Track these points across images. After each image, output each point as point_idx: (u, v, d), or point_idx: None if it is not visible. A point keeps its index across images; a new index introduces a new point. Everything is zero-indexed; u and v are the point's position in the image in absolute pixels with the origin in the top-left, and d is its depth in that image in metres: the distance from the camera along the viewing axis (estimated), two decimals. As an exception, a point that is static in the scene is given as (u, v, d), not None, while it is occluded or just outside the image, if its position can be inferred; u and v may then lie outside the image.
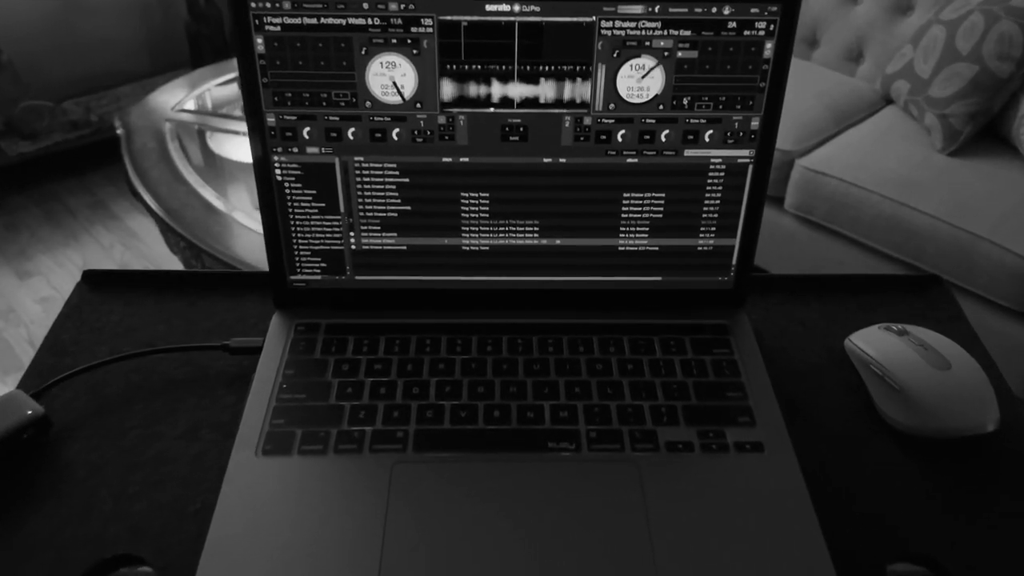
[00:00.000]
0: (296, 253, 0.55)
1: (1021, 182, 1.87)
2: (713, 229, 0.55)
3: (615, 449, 0.48)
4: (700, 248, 0.55)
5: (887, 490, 0.48)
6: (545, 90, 0.50)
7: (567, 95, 0.50)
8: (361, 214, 0.53)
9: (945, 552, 0.45)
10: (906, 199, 1.86)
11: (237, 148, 1.96)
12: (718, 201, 0.54)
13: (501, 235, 0.54)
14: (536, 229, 0.54)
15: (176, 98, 2.19)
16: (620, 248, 0.55)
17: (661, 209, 0.54)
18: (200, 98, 2.23)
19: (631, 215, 0.54)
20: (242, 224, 1.59)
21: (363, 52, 0.49)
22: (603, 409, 0.50)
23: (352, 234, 0.54)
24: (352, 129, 0.51)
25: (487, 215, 0.53)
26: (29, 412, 0.48)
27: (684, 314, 0.57)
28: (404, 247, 0.55)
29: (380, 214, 0.53)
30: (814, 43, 2.39)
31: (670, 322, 0.56)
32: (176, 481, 0.47)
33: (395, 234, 0.54)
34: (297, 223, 0.54)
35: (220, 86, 2.27)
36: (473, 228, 0.54)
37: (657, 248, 0.55)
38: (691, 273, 0.56)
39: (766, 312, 0.60)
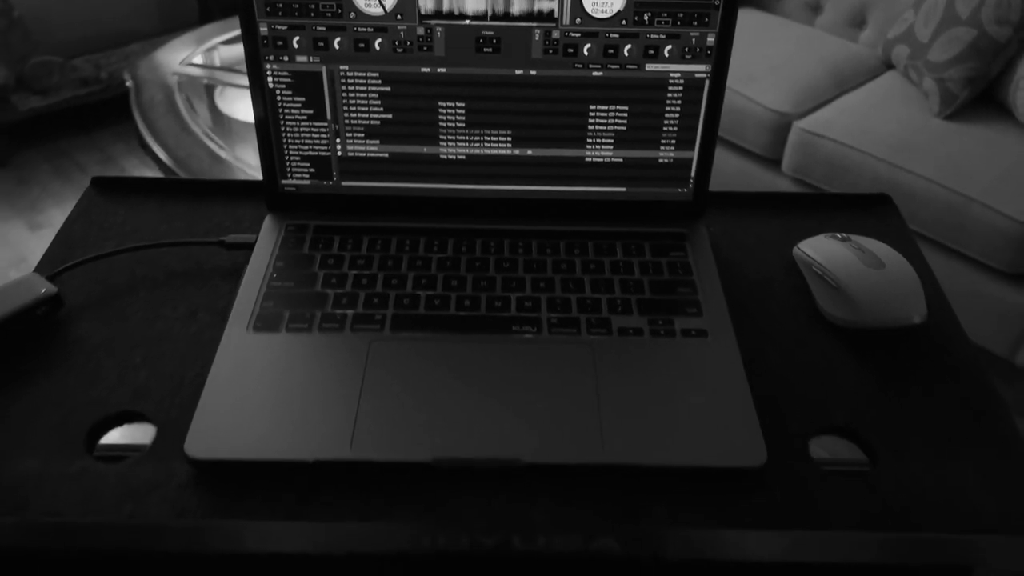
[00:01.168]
0: (287, 158, 0.59)
1: (1016, 146, 1.90)
2: (673, 142, 0.59)
3: (572, 333, 0.53)
4: (661, 160, 0.59)
5: (819, 374, 0.53)
6: (517, 4, 0.54)
7: (537, 8, 0.54)
8: (346, 121, 0.58)
9: (867, 427, 0.50)
10: (902, 162, 1.88)
11: (243, 103, 2.00)
12: (677, 115, 0.58)
13: (476, 144, 0.59)
14: (508, 139, 0.59)
15: (184, 53, 2.23)
16: (587, 159, 0.59)
17: (624, 122, 0.58)
18: (207, 54, 2.27)
19: (597, 127, 0.58)
20: (246, 173, 1.64)
21: (348, -34, 0.53)
22: (564, 301, 0.55)
23: (338, 140, 0.59)
24: (338, 39, 0.55)
25: (463, 124, 0.58)
26: (43, 291, 0.54)
27: (646, 224, 0.61)
28: (386, 154, 0.59)
29: (364, 122, 0.58)
30: (818, 9, 2.41)
31: (632, 230, 0.61)
32: (175, 355, 0.52)
33: (378, 141, 0.59)
34: (288, 129, 0.58)
35: (227, 43, 2.31)
36: (450, 137, 0.58)
37: (621, 160, 0.59)
38: (653, 184, 0.61)
39: (724, 226, 0.64)
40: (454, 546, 0.46)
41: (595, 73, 0.56)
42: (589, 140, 0.59)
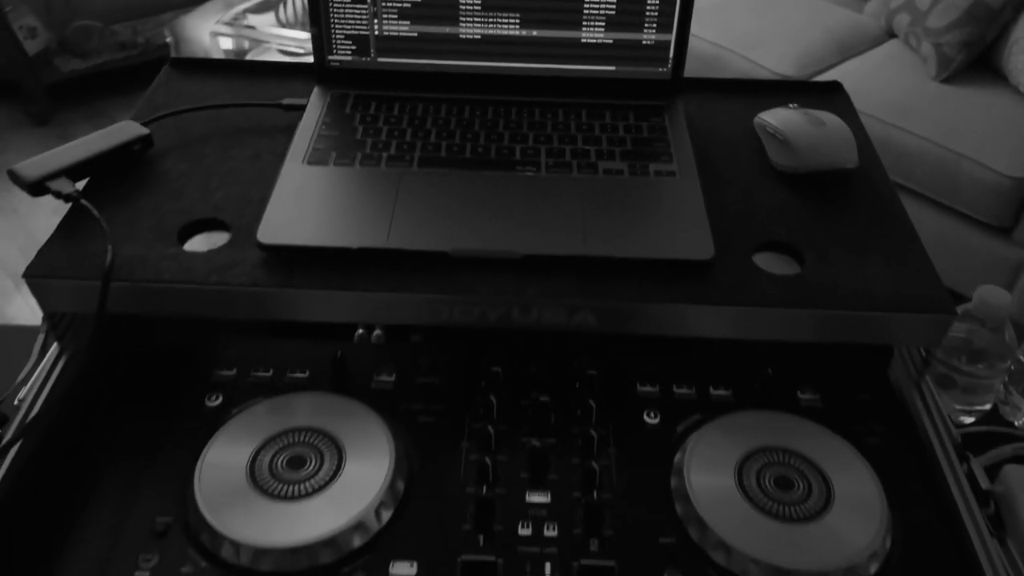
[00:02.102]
0: (333, 36, 0.72)
1: (1008, 107, 1.99)
2: (654, 25, 0.71)
3: (565, 172, 0.65)
4: (644, 42, 0.71)
5: (764, 205, 0.65)
6: None
7: (540, -93, 0.66)
8: (383, 3, 0.70)
9: (799, 241, 0.62)
10: (897, 121, 1.98)
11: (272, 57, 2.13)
12: (657, 0, 0.70)
13: (491, 25, 0.71)
14: (517, 21, 0.71)
15: (217, 16, 2.36)
16: (583, 40, 0.71)
17: (613, 5, 0.70)
18: (240, 16, 2.40)
19: (591, 10, 0.70)
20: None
21: None
22: (559, 150, 0.67)
23: (376, 21, 0.71)
24: (378, -68, 0.67)
25: (479, 7, 0.70)
26: (138, 132, 0.66)
27: (631, 98, 0.73)
28: (415, 34, 0.71)
29: (397, 4, 0.70)
30: (825, -22, 2.50)
31: (619, 102, 0.72)
32: (244, 182, 0.65)
33: (408, 22, 0.71)
34: (335, 11, 0.71)
35: (259, 6, 2.44)
36: (468, 18, 0.70)
37: (611, 41, 0.71)
38: (637, 64, 0.72)
39: (699, 103, 0.76)
40: (465, 317, 0.58)
41: (589, -36, 0.68)
42: (585, 23, 0.71)
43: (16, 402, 0.58)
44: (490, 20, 0.70)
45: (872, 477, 0.54)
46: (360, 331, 0.65)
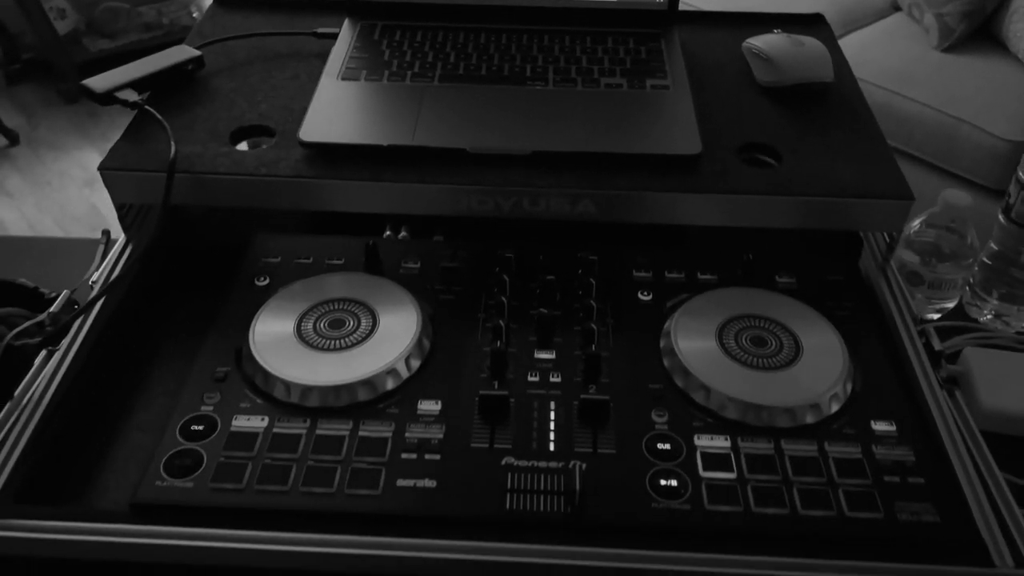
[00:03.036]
0: (362, -28, 0.80)
1: (1007, 74, 2.05)
2: (651, -41, 0.78)
3: (570, 86, 0.73)
4: (642, -25, 0.79)
5: (749, 114, 0.73)
6: None
7: None
8: (407, -60, 0.78)
9: (777, 142, 0.69)
10: (899, 89, 2.05)
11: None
12: (654, -66, 0.78)
13: (502, -41, 0.79)
14: (527, -46, 0.79)
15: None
16: (587, -26, 0.79)
17: (614, -58, 0.78)
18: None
19: (593, -56, 0.78)
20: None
21: None
22: (566, 68, 0.75)
23: (401, -44, 0.79)
24: None
25: (492, -59, 0.78)
26: (190, 54, 0.75)
27: (632, 27, 0.81)
28: (436, -31, 0.80)
29: (420, -58, 0.79)
30: (830, -47, 2.55)
31: (621, 30, 0.80)
32: (286, 96, 0.74)
33: (430, -43, 0.79)
34: (364, -52, 0.79)
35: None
36: (483, -48, 0.79)
37: (612, -26, 0.79)
38: (637, -6, 0.81)
39: (693, 32, 0.84)
40: (481, 207, 0.66)
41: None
42: (588, -43, 0.79)
43: (90, 283, 0.67)
44: (502, -46, 0.79)
45: (836, 337, 0.61)
46: (388, 232, 0.73)
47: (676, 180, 0.65)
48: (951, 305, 0.80)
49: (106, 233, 0.77)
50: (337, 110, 0.70)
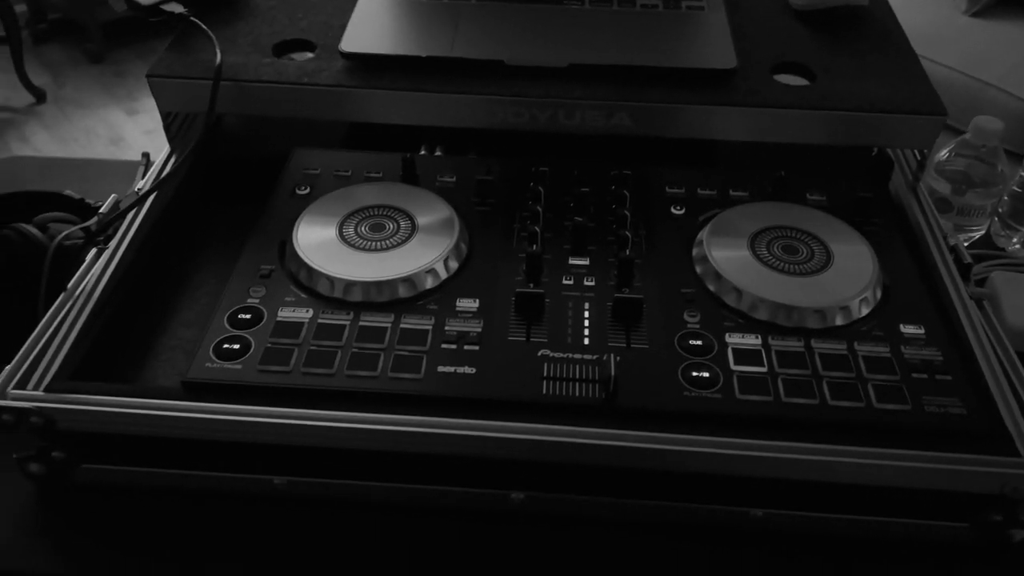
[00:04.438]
0: None
1: (1036, 39, 2.03)
2: None
3: (606, 5, 0.74)
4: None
5: (784, 35, 0.74)
6: None
7: None
8: None
9: (811, 62, 0.70)
10: (926, 52, 2.02)
11: None
12: None
13: None
14: None
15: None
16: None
17: None
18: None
19: None
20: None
21: None
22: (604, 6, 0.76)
23: None
24: None
25: None
26: (233, -28, 0.76)
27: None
28: None
29: None
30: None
31: None
32: (326, 13, 0.75)
33: None
34: None
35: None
36: None
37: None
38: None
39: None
40: (517, 119, 0.67)
41: None
42: None
43: (136, 190, 0.69)
44: None
45: (867, 246, 0.62)
46: (423, 151, 0.75)
47: (711, 94, 0.66)
48: (978, 234, 0.81)
49: (146, 155, 0.79)
50: (377, 22, 0.71)
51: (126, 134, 2.62)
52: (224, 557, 0.54)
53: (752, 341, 0.56)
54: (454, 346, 0.55)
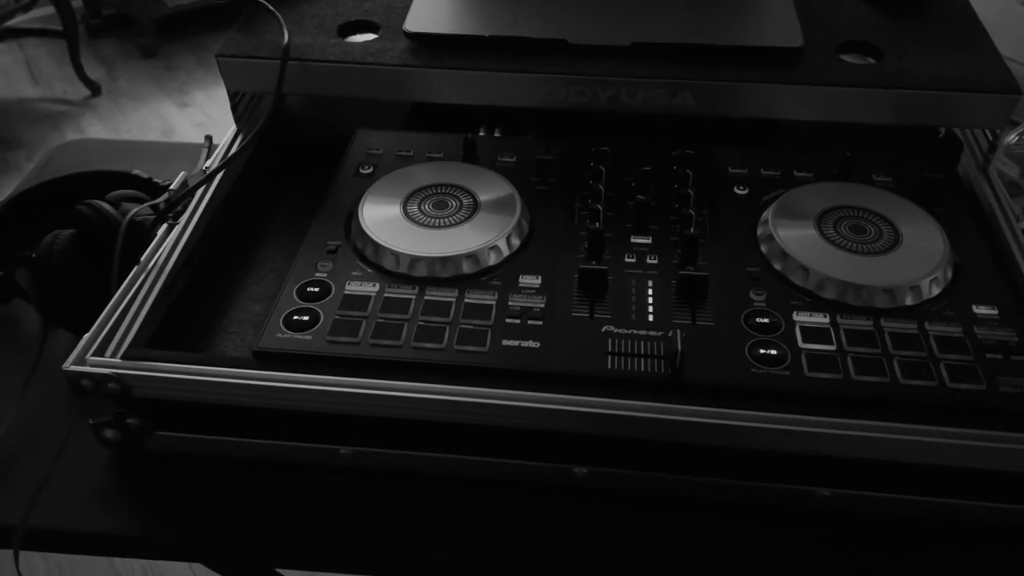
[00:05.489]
0: None
1: (1098, 29, 1.97)
2: None
3: None
4: None
5: (851, 13, 0.73)
6: None
7: None
8: None
9: (882, 43, 0.69)
10: (983, 43, 1.99)
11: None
12: None
13: None
14: None
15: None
16: None
17: None
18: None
19: None
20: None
21: None
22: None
23: None
24: None
25: None
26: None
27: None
28: None
29: None
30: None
31: None
32: (387, -3, 0.76)
33: None
34: None
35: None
36: None
37: None
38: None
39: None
40: (579, 98, 0.67)
41: None
42: None
43: (204, 168, 0.71)
44: None
45: (936, 226, 0.61)
46: (482, 132, 0.75)
47: (776, 72, 0.66)
48: (1049, 219, 0.79)
49: (208, 138, 0.81)
50: (440, 3, 0.72)
51: (177, 126, 2.67)
52: (291, 526, 0.55)
53: (820, 320, 0.56)
54: (518, 321, 0.56)
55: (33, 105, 2.72)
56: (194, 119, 2.70)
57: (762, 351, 0.54)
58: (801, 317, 0.56)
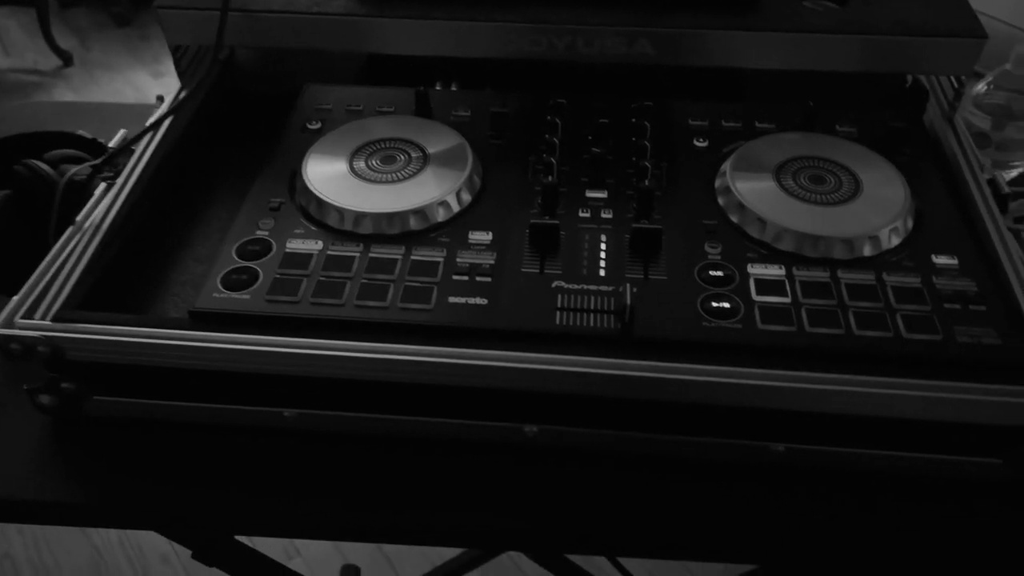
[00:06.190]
0: None
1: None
2: None
3: None
4: None
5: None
6: None
7: None
8: None
9: (847, -13, 0.67)
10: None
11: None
12: None
13: None
14: None
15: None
16: None
17: None
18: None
19: None
20: None
21: None
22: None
23: None
24: None
25: None
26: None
27: None
28: None
29: None
30: None
31: None
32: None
33: None
34: None
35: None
36: None
37: None
38: None
39: None
40: (535, 48, 0.65)
41: None
42: None
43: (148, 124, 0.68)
44: None
45: (898, 175, 0.60)
46: (439, 86, 0.73)
47: (736, 19, 0.63)
48: (1017, 171, 0.77)
49: (160, 97, 0.78)
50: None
51: (152, 96, 2.62)
52: (235, 488, 0.54)
53: (775, 272, 0.54)
54: (466, 278, 0.54)
55: (3, 76, 2.66)
56: (170, 89, 2.65)
57: (714, 304, 0.52)
58: (756, 269, 0.54)
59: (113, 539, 1.44)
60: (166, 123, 0.66)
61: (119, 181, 0.61)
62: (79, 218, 0.59)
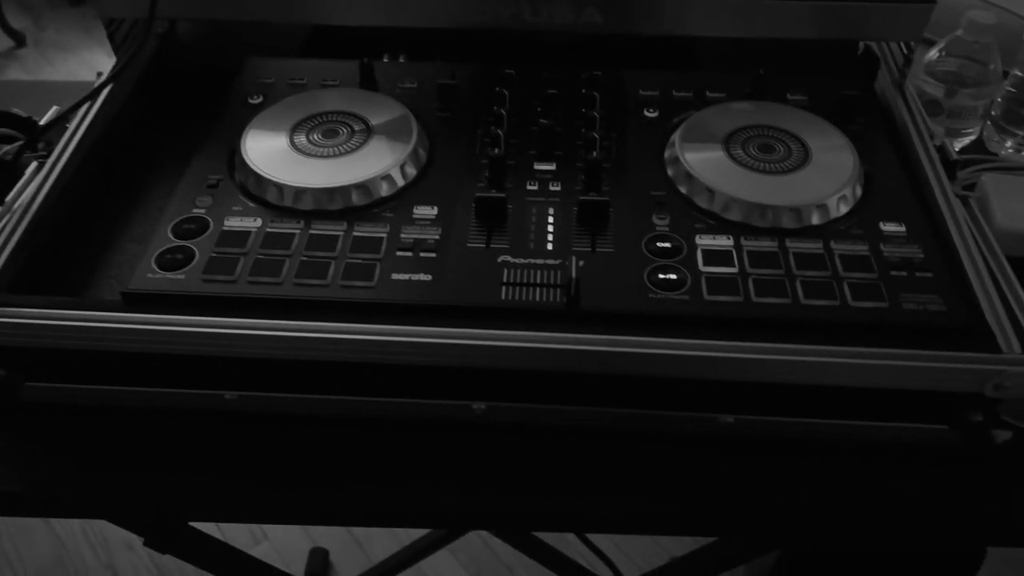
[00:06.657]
0: None
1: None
2: None
3: None
4: None
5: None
6: None
7: None
8: None
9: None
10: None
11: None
12: None
13: None
14: None
15: None
16: None
17: None
18: None
19: None
20: None
21: None
22: None
23: None
24: None
25: None
26: None
27: None
28: None
29: None
30: None
31: None
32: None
33: None
34: None
35: None
36: None
37: None
38: None
39: None
40: (479, 16, 0.63)
41: None
42: None
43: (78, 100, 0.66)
44: None
45: (847, 143, 0.59)
46: (386, 58, 0.71)
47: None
48: (969, 139, 0.77)
49: (100, 74, 0.76)
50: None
51: (109, 77, 2.57)
52: (176, 474, 0.52)
53: (723, 242, 0.53)
54: (410, 253, 0.53)
55: (-47, 58, 2.58)
56: (126, 69, 2.59)
57: (661, 276, 0.51)
58: (704, 240, 0.54)
59: (76, 529, 1.42)
60: (100, 98, 0.64)
61: (50, 159, 0.59)
62: (8, 198, 0.57)
